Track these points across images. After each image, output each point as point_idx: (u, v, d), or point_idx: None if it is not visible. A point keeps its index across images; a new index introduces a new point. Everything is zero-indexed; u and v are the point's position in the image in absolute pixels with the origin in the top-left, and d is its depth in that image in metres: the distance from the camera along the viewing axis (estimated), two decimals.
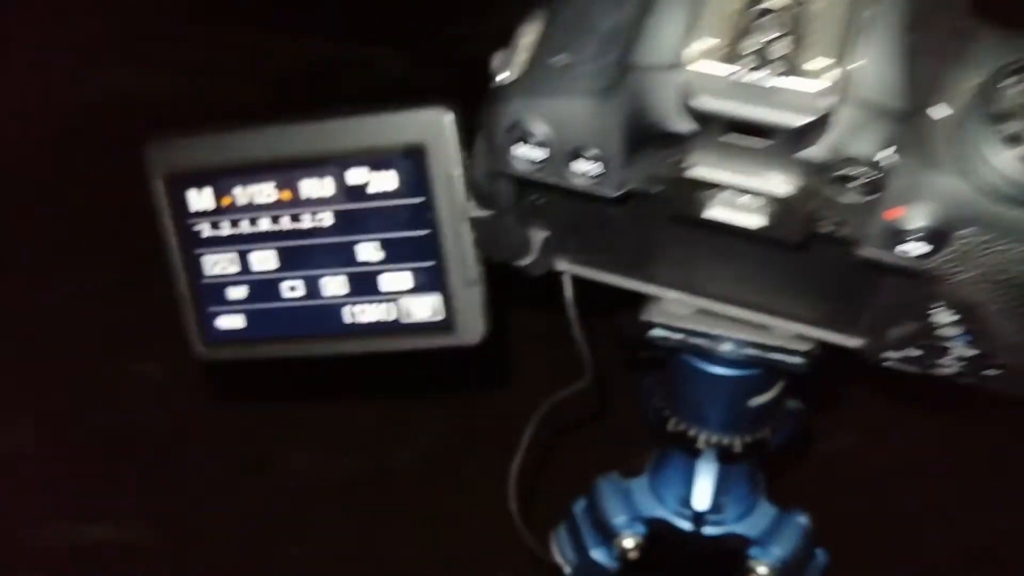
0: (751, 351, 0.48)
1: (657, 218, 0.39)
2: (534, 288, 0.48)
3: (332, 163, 0.43)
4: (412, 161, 0.42)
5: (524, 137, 0.35)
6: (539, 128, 0.34)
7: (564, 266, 0.47)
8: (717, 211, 0.34)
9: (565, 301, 0.51)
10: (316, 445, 1.31)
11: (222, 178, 0.45)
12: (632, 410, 0.66)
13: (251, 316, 0.47)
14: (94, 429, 1.30)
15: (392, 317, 0.45)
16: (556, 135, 0.34)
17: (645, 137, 0.33)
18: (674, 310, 0.48)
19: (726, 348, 0.48)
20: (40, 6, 1.79)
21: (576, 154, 0.34)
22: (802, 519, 0.63)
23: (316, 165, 0.43)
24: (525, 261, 0.45)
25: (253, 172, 0.44)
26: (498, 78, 0.37)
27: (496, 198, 0.39)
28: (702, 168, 0.33)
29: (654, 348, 0.64)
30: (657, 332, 0.49)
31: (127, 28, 1.77)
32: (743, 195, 0.33)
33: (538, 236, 0.45)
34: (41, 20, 1.77)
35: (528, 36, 0.37)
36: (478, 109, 0.38)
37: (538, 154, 0.35)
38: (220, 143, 0.44)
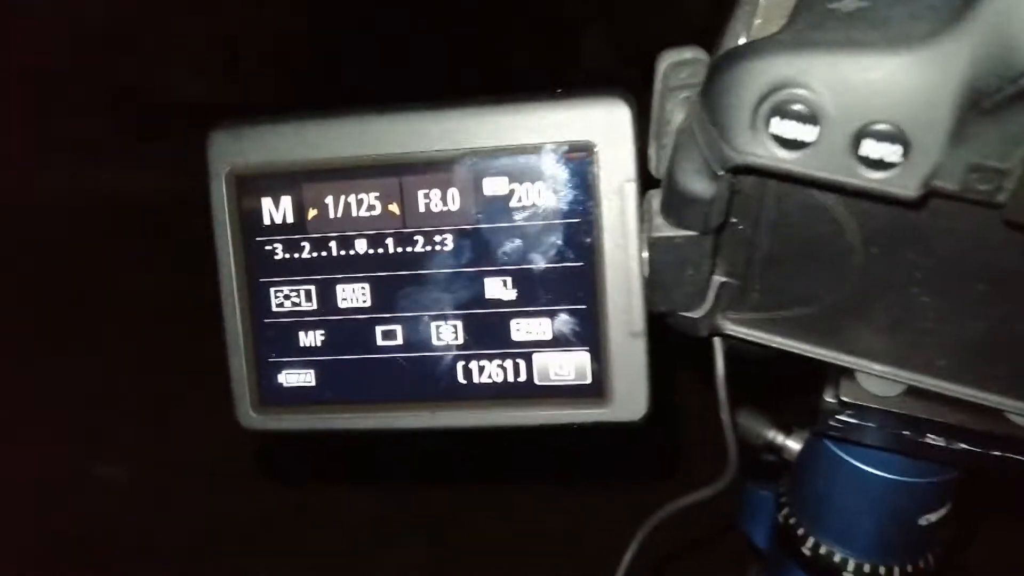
0: (966, 445, 0.37)
1: (942, 241, 0.29)
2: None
3: (463, 167, 0.33)
4: (573, 167, 0.32)
5: (786, 109, 0.25)
6: (817, 94, 0.24)
7: (734, 327, 0.36)
8: None
9: (716, 376, 0.40)
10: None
11: (309, 183, 0.34)
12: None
13: (328, 371, 0.35)
14: (54, 533, 1.13)
15: (522, 378, 0.34)
16: (839, 104, 0.24)
17: (997, 103, 0.23)
18: (876, 389, 0.37)
19: (936, 441, 0.38)
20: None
21: (863, 132, 0.24)
22: None
23: (440, 169, 0.33)
24: (695, 313, 0.35)
25: (352, 176, 0.34)
26: (725, 46, 0.28)
27: (703, 210, 0.29)
28: None
29: (778, 451, 0.54)
30: (845, 418, 0.38)
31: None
32: None
33: (715, 281, 0.34)
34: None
35: None
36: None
37: (807, 132, 0.25)
38: (310, 135, 0.34)
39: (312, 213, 0.34)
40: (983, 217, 0.26)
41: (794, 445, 0.50)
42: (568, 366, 0.34)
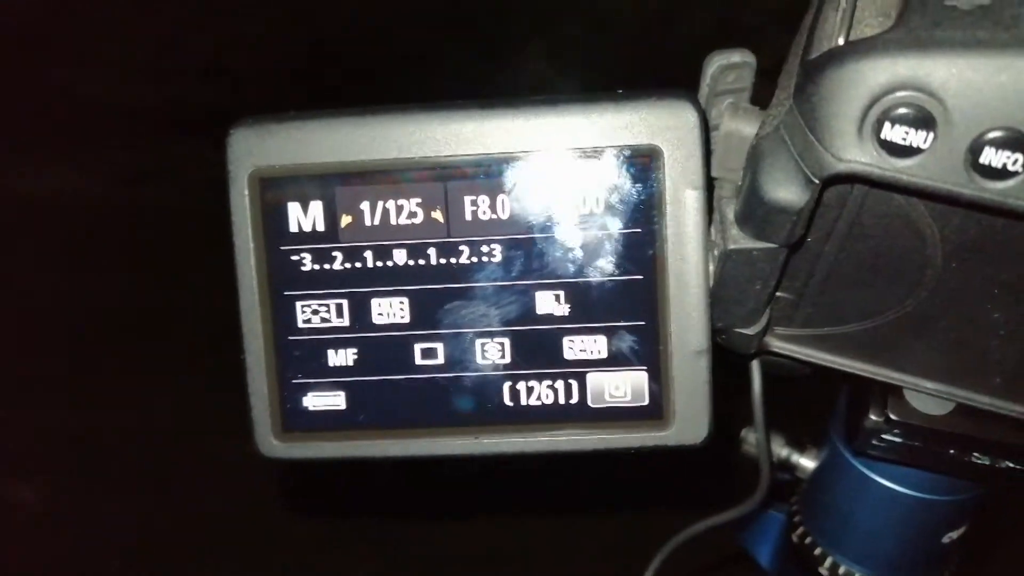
0: (1012, 463, 0.37)
1: None
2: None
3: (517, 171, 0.30)
4: (636, 173, 0.30)
5: (899, 114, 0.23)
6: (936, 98, 0.23)
7: (781, 344, 0.35)
8: None
9: (753, 396, 0.38)
10: None
11: (343, 187, 0.31)
12: None
13: (360, 393, 0.32)
14: None
15: (575, 400, 0.32)
16: (961, 108, 0.23)
17: None
18: (926, 408, 0.36)
19: (980, 460, 0.37)
20: None
21: (984, 139, 0.23)
22: None
23: (490, 174, 0.30)
24: (750, 330, 0.33)
25: (392, 181, 0.31)
26: (819, 47, 0.26)
27: (789, 221, 0.27)
28: None
29: (791, 469, 0.52)
30: (890, 437, 0.37)
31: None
32: None
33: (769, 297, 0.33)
34: None
35: None
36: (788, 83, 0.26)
37: (921, 139, 0.23)
38: (345, 135, 0.31)
39: (346, 220, 0.31)
40: None
41: (808, 463, 0.49)
42: (624, 386, 0.31)
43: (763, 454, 0.40)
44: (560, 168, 0.30)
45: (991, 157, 0.23)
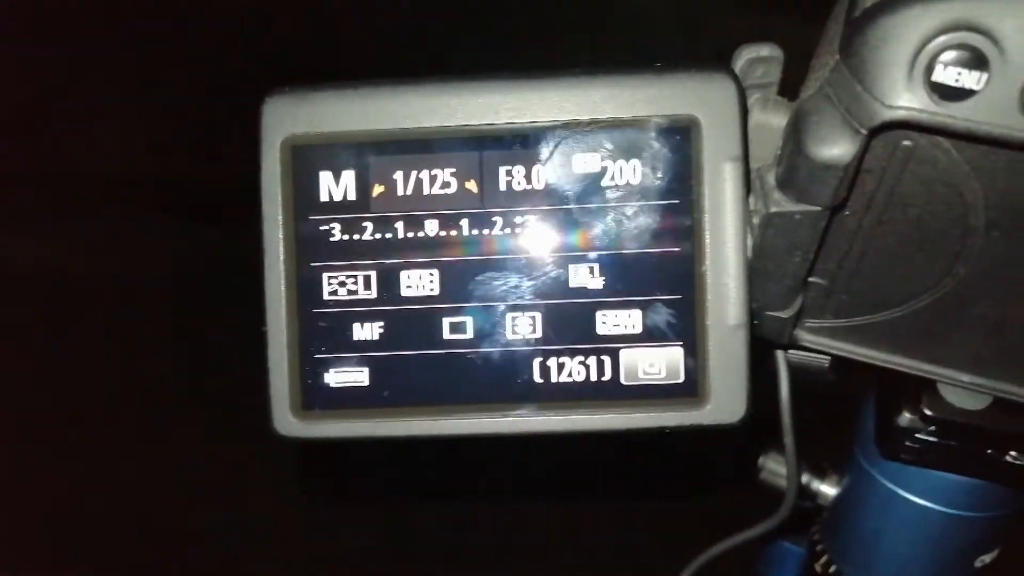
0: None
1: None
2: None
3: (552, 142, 0.30)
4: (673, 143, 0.30)
5: (953, 56, 0.23)
6: (991, 37, 0.23)
7: (811, 337, 0.34)
8: None
9: (780, 397, 0.37)
10: None
11: (376, 156, 0.30)
12: None
13: (385, 368, 0.31)
14: None
15: (607, 377, 0.31)
16: (1015, 48, 0.23)
17: None
18: (962, 403, 0.35)
19: (1017, 459, 0.36)
20: None
21: None
22: None
23: (526, 144, 0.30)
24: (784, 313, 0.32)
25: (426, 150, 0.30)
26: (864, 6, 0.26)
27: (836, 177, 0.27)
28: None
29: (812, 496, 0.51)
30: (925, 436, 0.36)
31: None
32: None
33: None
34: None
35: None
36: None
37: (974, 80, 0.23)
38: (380, 103, 0.30)
39: (378, 190, 0.31)
40: None
41: (830, 489, 0.47)
42: (659, 363, 0.30)
43: (791, 462, 0.38)
44: (597, 138, 0.30)
45: None
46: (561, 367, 0.31)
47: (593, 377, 0.31)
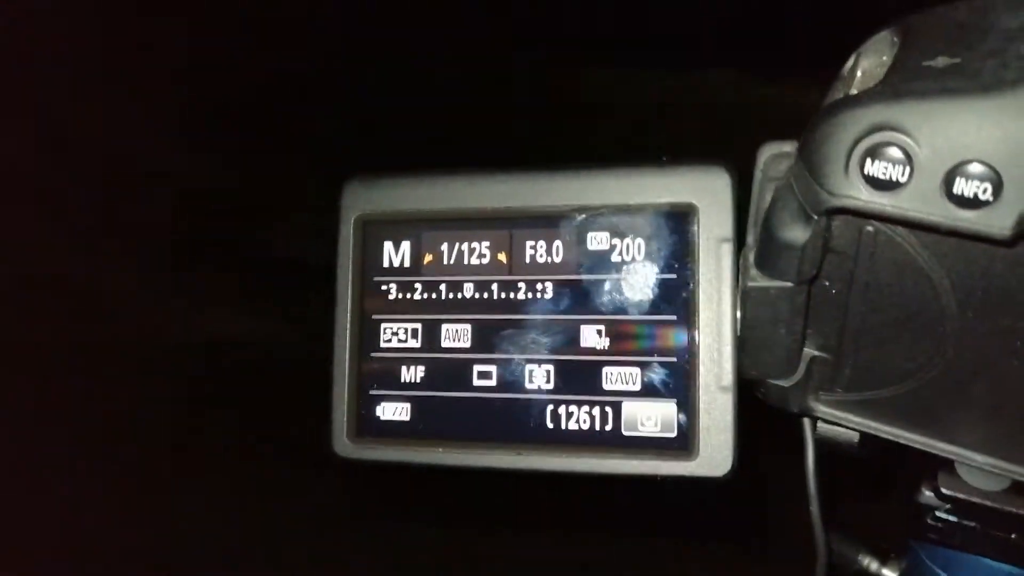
0: None
1: None
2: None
3: (570, 222, 0.36)
4: (674, 225, 0.34)
5: (880, 152, 0.27)
6: (910, 136, 0.26)
7: (826, 409, 0.37)
8: None
9: (806, 464, 0.39)
10: None
11: (428, 230, 0.37)
12: None
13: (424, 406, 0.37)
14: None
15: (609, 426, 0.35)
16: (932, 145, 0.26)
17: None
18: (979, 483, 0.36)
19: None
20: None
21: (955, 171, 0.26)
22: None
23: (548, 223, 0.36)
24: (785, 382, 0.35)
25: (468, 227, 0.37)
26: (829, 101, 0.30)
27: (796, 257, 0.30)
28: None
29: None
30: (944, 515, 0.37)
31: None
32: None
33: (806, 354, 0.35)
34: None
35: (869, 59, 0.30)
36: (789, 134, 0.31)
37: (900, 173, 0.27)
38: (434, 188, 0.37)
39: (428, 258, 0.37)
40: None
41: (891, 574, 0.47)
42: (655, 417, 0.34)
43: (818, 530, 0.40)
44: (608, 220, 0.35)
45: (963, 187, 0.26)
46: (570, 415, 0.35)
47: (598, 426, 0.35)
